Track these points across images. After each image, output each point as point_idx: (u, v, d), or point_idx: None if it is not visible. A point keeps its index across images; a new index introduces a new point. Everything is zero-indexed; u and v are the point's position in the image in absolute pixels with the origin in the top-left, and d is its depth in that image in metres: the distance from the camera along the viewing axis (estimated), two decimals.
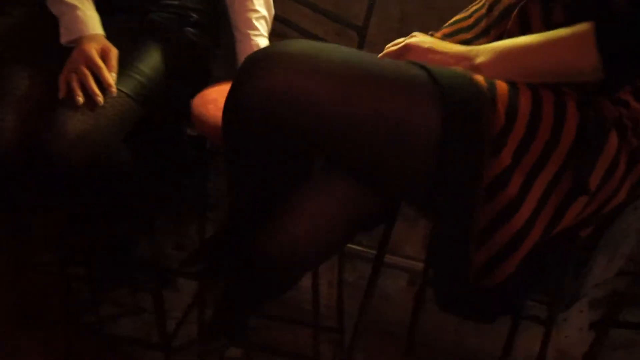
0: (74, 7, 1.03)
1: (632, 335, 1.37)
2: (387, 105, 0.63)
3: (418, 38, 0.76)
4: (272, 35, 1.16)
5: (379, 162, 0.65)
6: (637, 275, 1.11)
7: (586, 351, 1.21)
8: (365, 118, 0.63)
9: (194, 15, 1.17)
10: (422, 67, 0.65)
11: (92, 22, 1.03)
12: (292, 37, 1.25)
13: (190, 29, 1.16)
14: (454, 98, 0.62)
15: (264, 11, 1.13)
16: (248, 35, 1.12)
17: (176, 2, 1.15)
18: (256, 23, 1.11)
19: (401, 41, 0.78)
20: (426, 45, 0.73)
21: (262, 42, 1.13)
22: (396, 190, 0.71)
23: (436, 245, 0.68)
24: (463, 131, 0.62)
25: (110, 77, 0.97)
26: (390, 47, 0.78)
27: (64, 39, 1.03)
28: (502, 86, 0.65)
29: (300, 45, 0.65)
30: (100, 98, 0.95)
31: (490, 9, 0.77)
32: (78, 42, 1.00)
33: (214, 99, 1.01)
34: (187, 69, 1.16)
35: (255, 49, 1.10)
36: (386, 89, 0.63)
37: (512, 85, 0.66)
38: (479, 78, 0.65)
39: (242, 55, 1.13)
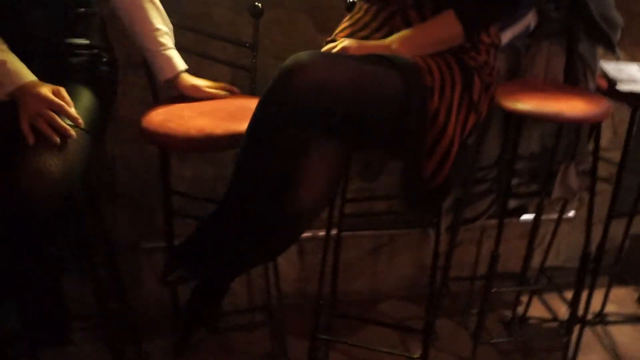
0: (2, 63, 1.15)
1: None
2: (373, 82, 1.08)
3: (346, 42, 1.22)
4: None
5: (372, 121, 1.10)
6: (467, 182, 1.77)
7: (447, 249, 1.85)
8: (367, 92, 1.07)
9: (105, 54, 1.38)
10: (381, 55, 1.12)
11: (25, 71, 1.17)
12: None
13: (105, 68, 1.38)
14: (406, 71, 1.11)
15: (164, 28, 1.40)
16: (159, 51, 1.38)
17: (87, 42, 1.33)
18: (162, 39, 1.38)
19: (334, 45, 1.22)
20: (356, 45, 1.20)
21: (173, 53, 1.40)
22: (377, 139, 1.16)
23: (405, 166, 1.16)
24: (417, 89, 1.11)
25: (75, 113, 1.15)
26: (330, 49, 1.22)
27: (4, 97, 1.14)
28: (417, 59, 1.17)
29: (318, 53, 1.05)
30: (73, 133, 1.12)
31: (375, 15, 1.28)
32: (20, 91, 1.14)
33: (166, 120, 1.29)
34: (105, 102, 1.38)
35: (168, 61, 1.39)
36: (376, 72, 1.09)
37: (421, 57, 1.18)
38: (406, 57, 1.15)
39: (159, 69, 1.40)
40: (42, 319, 1.49)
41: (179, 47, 1.45)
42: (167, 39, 1.40)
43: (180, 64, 1.41)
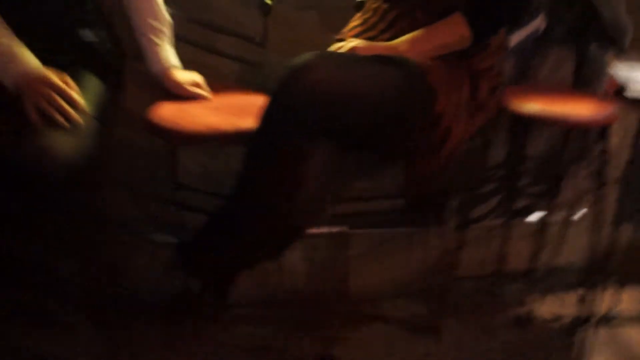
0: (8, 49, 1.19)
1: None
2: (379, 83, 1.13)
3: (354, 42, 1.26)
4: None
5: (376, 122, 1.15)
6: (474, 182, 1.81)
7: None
8: (372, 94, 1.11)
9: (110, 45, 1.44)
10: (388, 57, 1.17)
11: (31, 58, 1.21)
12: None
13: (111, 57, 1.44)
14: (412, 73, 1.15)
15: (157, 24, 1.46)
16: (150, 47, 1.45)
17: (93, 32, 1.39)
18: (152, 36, 1.45)
19: (343, 45, 1.27)
20: (364, 45, 1.25)
21: (161, 50, 1.46)
22: (380, 140, 1.21)
23: (408, 166, 1.21)
24: (422, 92, 1.15)
25: (79, 97, 1.20)
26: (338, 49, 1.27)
27: (9, 82, 1.18)
28: (424, 61, 1.21)
29: (324, 54, 1.10)
30: (79, 118, 1.18)
31: (383, 16, 1.33)
32: (25, 77, 1.18)
33: (175, 114, 1.35)
34: (112, 90, 1.43)
35: (157, 55, 1.45)
36: (382, 74, 1.14)
37: (428, 59, 1.22)
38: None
39: (150, 61, 1.46)
40: (36, 300, 1.54)
41: (183, 39, 1.50)
42: (158, 35, 1.46)
43: (164, 61, 1.47)
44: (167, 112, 1.36)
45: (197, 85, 1.46)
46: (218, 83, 1.52)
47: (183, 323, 1.69)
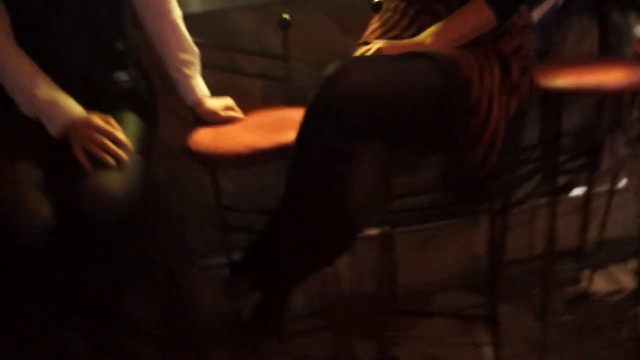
0: (50, 98, 1.25)
1: None
2: (413, 79, 1.14)
3: (379, 43, 1.28)
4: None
5: (414, 118, 1.16)
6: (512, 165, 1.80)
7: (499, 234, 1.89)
8: (406, 91, 1.13)
9: (142, 82, 1.49)
10: (416, 53, 1.18)
11: (74, 105, 1.27)
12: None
13: (144, 94, 1.49)
14: (443, 65, 1.16)
15: (186, 56, 1.51)
16: (181, 80, 1.50)
17: (127, 74, 1.44)
18: (184, 68, 1.50)
19: (369, 48, 1.29)
20: (390, 45, 1.26)
21: (192, 81, 1.51)
22: (419, 135, 1.22)
23: (449, 158, 1.22)
24: (456, 82, 1.16)
25: (124, 137, 1.25)
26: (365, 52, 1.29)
27: (56, 131, 1.24)
28: (453, 51, 1.22)
29: (354, 58, 1.11)
30: (125, 157, 1.23)
31: (403, 14, 1.34)
32: (71, 124, 1.24)
33: (214, 139, 1.37)
34: (149, 124, 1.48)
35: (190, 86, 1.49)
36: (413, 70, 1.15)
37: (456, 49, 1.23)
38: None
39: (184, 93, 1.51)
40: (108, 339, 1.57)
41: (207, 65, 1.55)
42: (189, 67, 1.51)
43: (198, 92, 1.51)
44: (205, 138, 1.40)
45: (229, 108, 1.49)
46: (247, 103, 1.55)
47: (245, 344, 1.70)
